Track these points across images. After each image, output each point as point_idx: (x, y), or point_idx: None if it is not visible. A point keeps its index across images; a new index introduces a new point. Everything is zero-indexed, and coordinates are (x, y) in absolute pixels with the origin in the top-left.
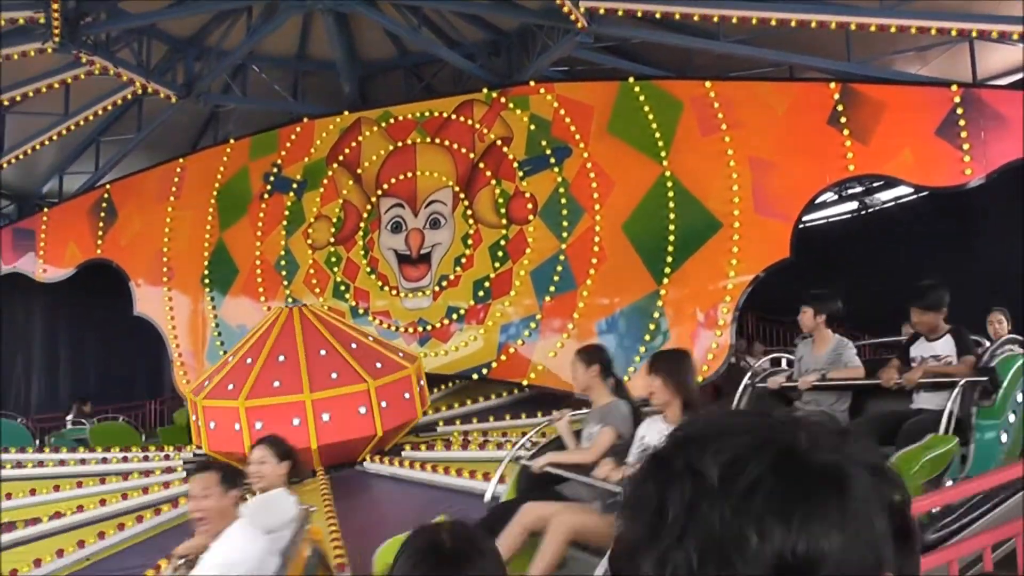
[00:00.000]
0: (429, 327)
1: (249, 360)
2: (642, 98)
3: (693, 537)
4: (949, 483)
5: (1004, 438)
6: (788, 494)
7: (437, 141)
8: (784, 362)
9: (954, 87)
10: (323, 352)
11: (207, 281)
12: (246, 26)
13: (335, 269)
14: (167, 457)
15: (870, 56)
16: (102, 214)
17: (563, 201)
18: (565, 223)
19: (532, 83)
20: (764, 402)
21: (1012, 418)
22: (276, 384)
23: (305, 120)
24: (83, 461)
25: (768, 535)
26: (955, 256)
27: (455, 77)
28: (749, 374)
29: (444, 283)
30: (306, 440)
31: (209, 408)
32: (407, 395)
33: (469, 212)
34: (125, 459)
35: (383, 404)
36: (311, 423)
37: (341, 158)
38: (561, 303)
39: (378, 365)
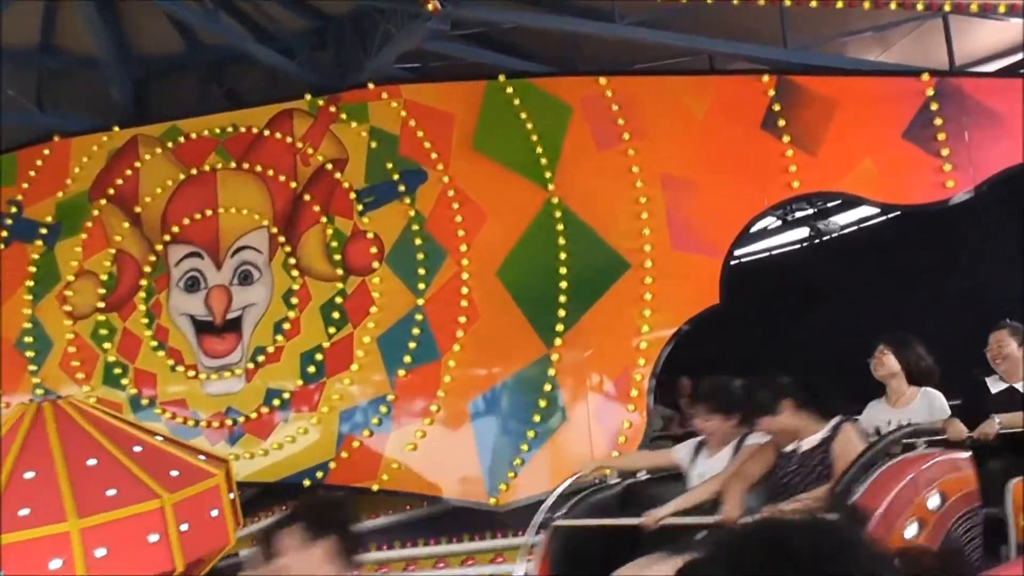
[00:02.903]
0: (242, 419)
1: None
2: (517, 101)
3: None
4: None
5: None
6: None
7: (245, 166)
8: None
9: (925, 76)
10: (93, 461)
11: None
12: None
13: (106, 345)
14: None
15: (814, 40)
16: None
17: (418, 242)
18: (422, 271)
19: (371, 85)
20: None
21: None
22: (24, 512)
23: (56, 139)
24: None
25: None
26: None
27: (267, 79)
28: None
29: (260, 358)
30: None
31: None
32: (215, 512)
33: (292, 261)
34: None
35: (183, 527)
36: (79, 562)
37: (111, 192)
38: (420, 377)
39: (173, 473)
